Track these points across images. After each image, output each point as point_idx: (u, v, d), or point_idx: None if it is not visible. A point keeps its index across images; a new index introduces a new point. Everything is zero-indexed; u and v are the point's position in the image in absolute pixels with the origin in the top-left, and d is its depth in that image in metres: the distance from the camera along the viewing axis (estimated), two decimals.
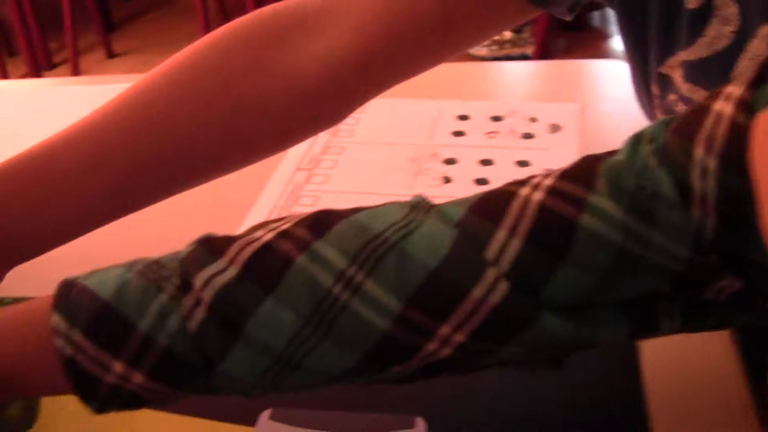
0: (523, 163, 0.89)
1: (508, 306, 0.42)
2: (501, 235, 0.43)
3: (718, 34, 0.62)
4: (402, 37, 0.63)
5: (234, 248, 0.45)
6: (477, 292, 0.42)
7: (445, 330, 0.43)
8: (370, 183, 0.88)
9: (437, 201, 0.46)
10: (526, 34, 3.05)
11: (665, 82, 0.67)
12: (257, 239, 0.45)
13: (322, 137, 0.96)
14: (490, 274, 0.42)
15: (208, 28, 2.97)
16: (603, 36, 3.38)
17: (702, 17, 0.62)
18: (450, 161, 0.90)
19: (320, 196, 0.86)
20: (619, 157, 0.44)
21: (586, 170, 0.44)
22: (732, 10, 0.60)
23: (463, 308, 0.42)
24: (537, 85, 1.09)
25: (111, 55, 3.33)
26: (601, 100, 1.01)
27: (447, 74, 1.11)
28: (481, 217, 0.44)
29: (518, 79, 1.13)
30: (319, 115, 0.66)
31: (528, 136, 0.94)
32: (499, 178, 0.87)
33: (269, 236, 0.45)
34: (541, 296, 0.43)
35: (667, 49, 0.65)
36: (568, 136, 0.94)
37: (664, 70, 0.66)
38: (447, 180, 0.87)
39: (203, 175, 0.65)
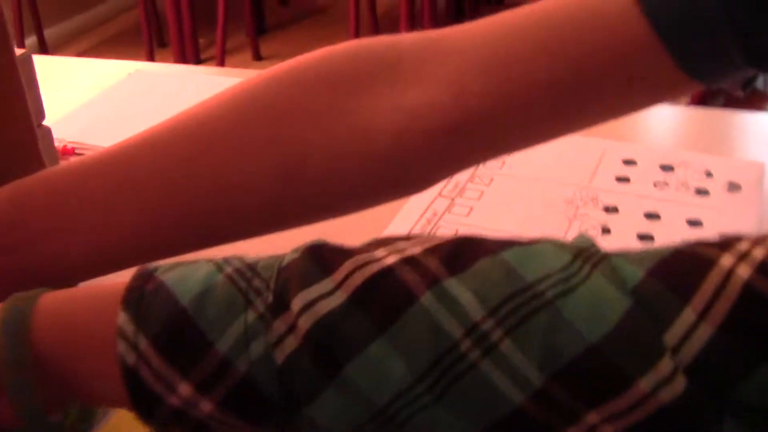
0: (694, 223, 0.78)
1: (683, 407, 0.33)
2: (688, 315, 0.33)
3: None
4: (510, 105, 0.50)
5: (346, 267, 0.37)
6: (645, 384, 0.33)
7: (593, 417, 0.34)
8: (518, 222, 0.79)
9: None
10: None
11: None
12: (376, 261, 0.37)
13: None
14: (667, 364, 0.33)
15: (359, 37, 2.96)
16: (766, 98, 3.20)
17: None
18: (611, 209, 0.80)
19: (460, 230, 0.78)
20: None
21: None
22: None
23: (623, 398, 0.33)
24: (713, 136, 0.98)
25: (258, 57, 3.35)
26: None
27: None
28: (666, 287, 0.34)
29: (691, 125, 1.01)
30: (397, 180, 0.53)
31: (702, 192, 0.83)
32: (665, 235, 0.76)
33: (391, 260, 0.37)
34: (726, 398, 0.33)
35: None
36: (748, 198, 0.83)
37: None
38: (606, 230, 0.77)
39: (250, 232, 0.53)
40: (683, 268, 0.34)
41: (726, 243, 0.34)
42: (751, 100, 3.05)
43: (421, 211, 0.80)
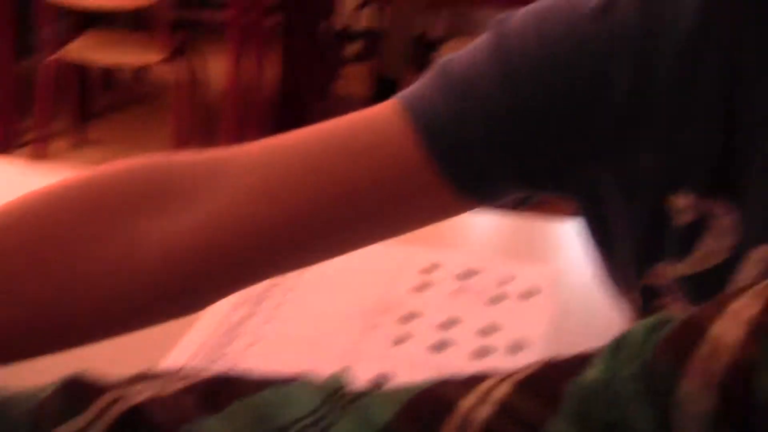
0: (491, 329, 0.81)
1: None
2: None
3: (712, 249, 0.53)
4: (282, 226, 0.51)
5: (101, 403, 0.36)
6: None
7: None
8: (316, 332, 0.79)
9: (388, 365, 0.37)
10: None
11: (651, 292, 0.57)
12: (131, 397, 0.36)
13: None
14: None
15: (180, 128, 2.93)
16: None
17: (693, 230, 0.53)
18: (407, 317, 0.81)
19: (260, 339, 0.77)
20: (593, 372, 0.34)
21: (551, 384, 0.34)
22: (727, 223, 0.52)
23: None
24: (510, 241, 1.03)
25: (84, 141, 3.26)
26: (580, 264, 0.93)
27: None
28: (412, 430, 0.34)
29: (490, 231, 1.05)
30: (171, 302, 0.53)
31: (499, 298, 0.86)
32: (462, 342, 0.78)
33: (145, 396, 0.36)
34: None
35: (650, 261, 0.55)
36: (543, 303, 0.87)
37: (648, 281, 0.56)
38: (400, 340, 0.78)
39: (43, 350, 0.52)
40: (427, 410, 0.35)
41: (472, 381, 0.35)
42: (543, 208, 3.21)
43: (220, 318, 0.79)
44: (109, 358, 0.39)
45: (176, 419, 0.35)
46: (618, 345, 0.34)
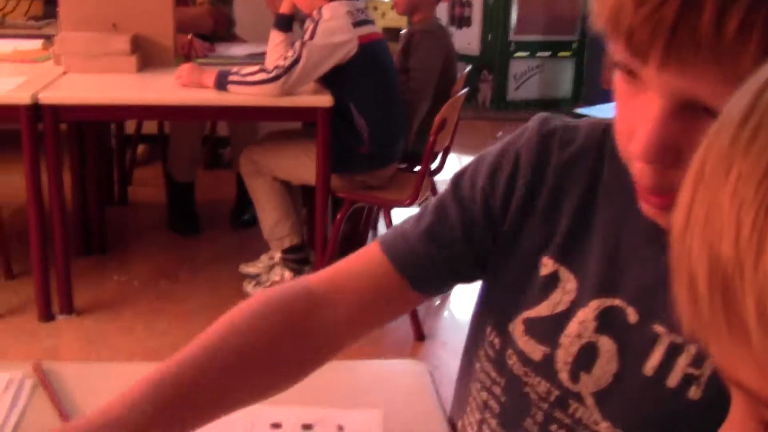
0: None
1: None
2: None
3: (559, 300, 0.84)
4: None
5: None
6: None
7: None
8: None
9: None
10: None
11: (507, 337, 0.88)
12: None
13: None
14: None
15: None
16: None
17: (551, 284, 0.85)
18: None
19: None
20: None
21: None
22: (572, 285, 0.83)
23: None
24: (343, 387, 1.15)
25: None
26: (403, 405, 1.09)
27: None
28: None
29: (325, 378, 1.17)
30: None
31: None
32: None
33: None
34: None
35: (517, 307, 0.87)
36: None
37: (510, 326, 0.87)
38: None
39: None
40: None
41: None
42: None
43: None
44: None
45: None
46: None
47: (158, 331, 2.94)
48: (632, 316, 0.79)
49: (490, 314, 0.91)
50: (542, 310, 0.85)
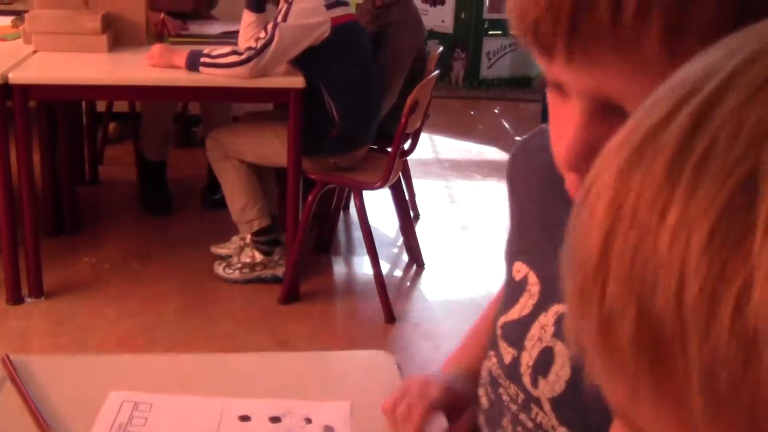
0: None
1: None
2: None
3: (525, 303, 0.87)
4: None
5: None
6: None
7: None
8: None
9: None
10: (276, 257, 3.20)
11: (494, 340, 0.92)
12: None
13: None
14: None
15: None
16: (348, 260, 3.60)
17: (521, 288, 0.88)
18: None
19: None
20: None
21: None
22: (536, 289, 0.87)
23: None
24: (311, 379, 1.16)
25: None
26: (371, 396, 1.09)
27: (228, 366, 1.18)
28: None
29: (295, 372, 1.18)
30: None
31: None
32: None
33: None
34: None
35: (501, 312, 0.92)
36: None
37: (496, 331, 0.92)
38: None
39: None
40: None
41: None
42: None
43: None
44: None
45: None
46: None
47: (129, 313, 2.94)
48: None
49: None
50: (514, 313, 0.88)
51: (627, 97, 0.59)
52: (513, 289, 0.89)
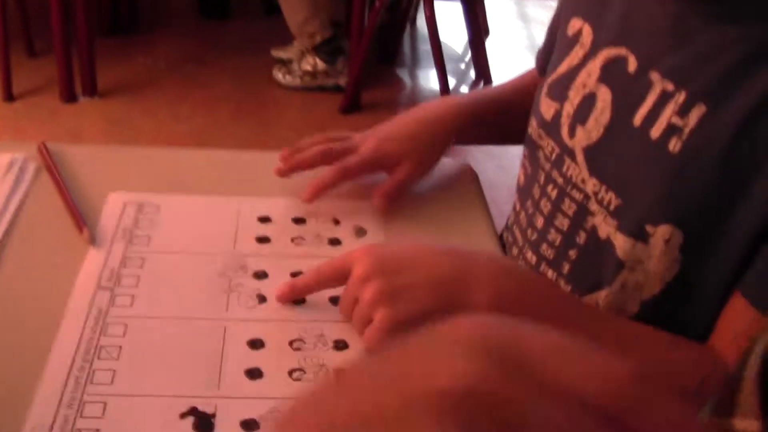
0: None
1: None
2: None
3: (576, 55, 0.89)
4: None
5: None
6: None
7: None
8: (180, 305, 0.80)
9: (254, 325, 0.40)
10: (339, 66, 3.06)
11: (535, 107, 0.95)
12: None
13: (117, 245, 0.87)
14: None
15: None
16: (413, 72, 3.45)
17: (572, 43, 0.90)
18: (261, 275, 0.84)
19: (128, 324, 0.77)
20: None
21: None
22: (588, 39, 0.88)
23: None
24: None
25: None
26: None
27: (240, 163, 1.07)
28: None
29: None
30: None
31: (335, 241, 0.91)
32: (313, 294, 0.82)
33: None
34: None
35: (549, 75, 0.94)
36: (374, 240, 0.92)
37: (538, 97, 0.95)
38: (262, 299, 0.81)
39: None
40: None
41: None
42: None
43: (86, 309, 0.78)
44: None
45: None
46: None
47: (182, 116, 2.86)
48: (632, 65, 0.82)
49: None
50: (562, 68, 0.91)
51: None
52: (564, 46, 0.92)
